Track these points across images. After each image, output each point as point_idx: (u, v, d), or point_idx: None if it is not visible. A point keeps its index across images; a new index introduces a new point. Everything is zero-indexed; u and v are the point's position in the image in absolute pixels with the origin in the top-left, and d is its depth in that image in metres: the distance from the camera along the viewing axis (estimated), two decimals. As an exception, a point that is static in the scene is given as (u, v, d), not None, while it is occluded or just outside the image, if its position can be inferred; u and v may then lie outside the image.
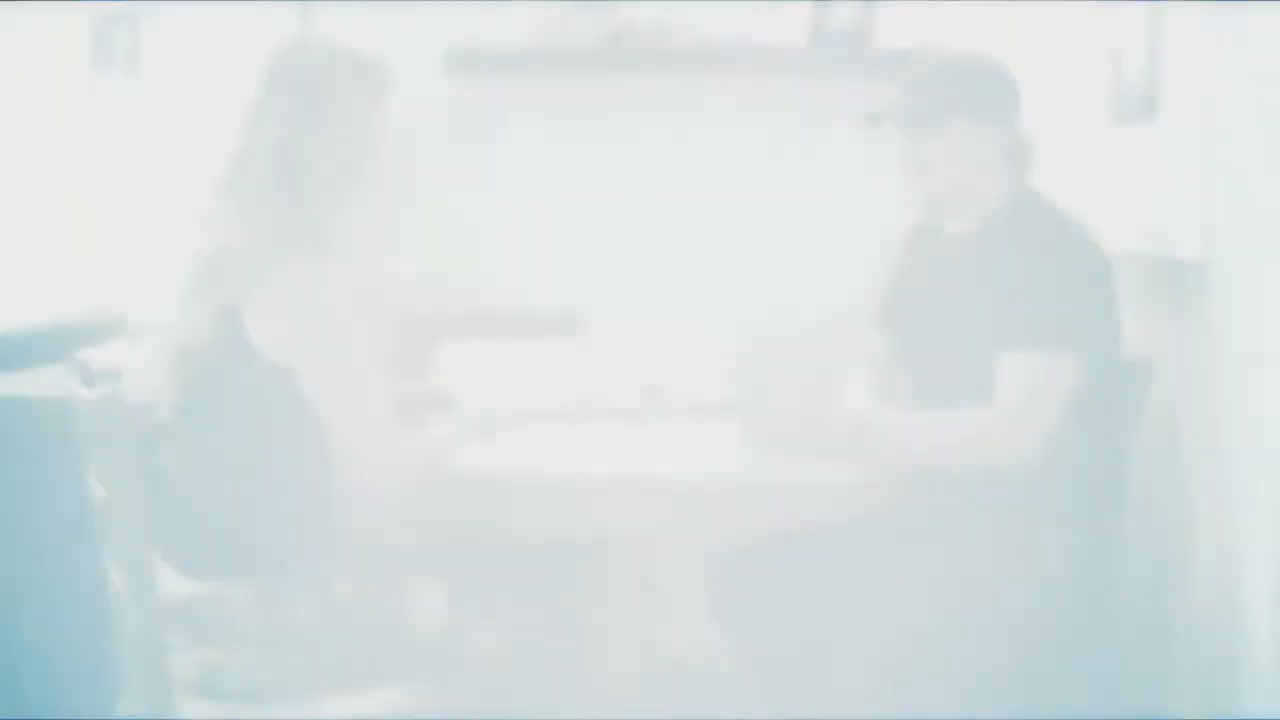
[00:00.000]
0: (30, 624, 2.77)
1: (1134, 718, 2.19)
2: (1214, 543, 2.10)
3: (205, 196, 1.88)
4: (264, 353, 1.79)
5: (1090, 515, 2.12)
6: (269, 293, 1.77)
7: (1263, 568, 1.91)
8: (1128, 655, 2.23)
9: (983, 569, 2.07)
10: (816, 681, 2.17)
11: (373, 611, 1.89)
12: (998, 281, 2.13)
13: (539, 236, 3.19)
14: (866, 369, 2.49)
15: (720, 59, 2.97)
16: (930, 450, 2.06)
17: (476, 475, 2.00)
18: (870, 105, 2.30)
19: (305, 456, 1.91)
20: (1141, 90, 2.42)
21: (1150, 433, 2.28)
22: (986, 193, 2.22)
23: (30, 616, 2.77)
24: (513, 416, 2.16)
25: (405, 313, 3.09)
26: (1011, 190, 2.23)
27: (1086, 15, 2.82)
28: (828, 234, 3.09)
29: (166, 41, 3.26)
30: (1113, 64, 2.61)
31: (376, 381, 1.84)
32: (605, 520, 1.98)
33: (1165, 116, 2.29)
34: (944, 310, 2.25)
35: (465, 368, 2.48)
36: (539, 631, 2.42)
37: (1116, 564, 2.15)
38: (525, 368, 2.51)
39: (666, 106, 3.12)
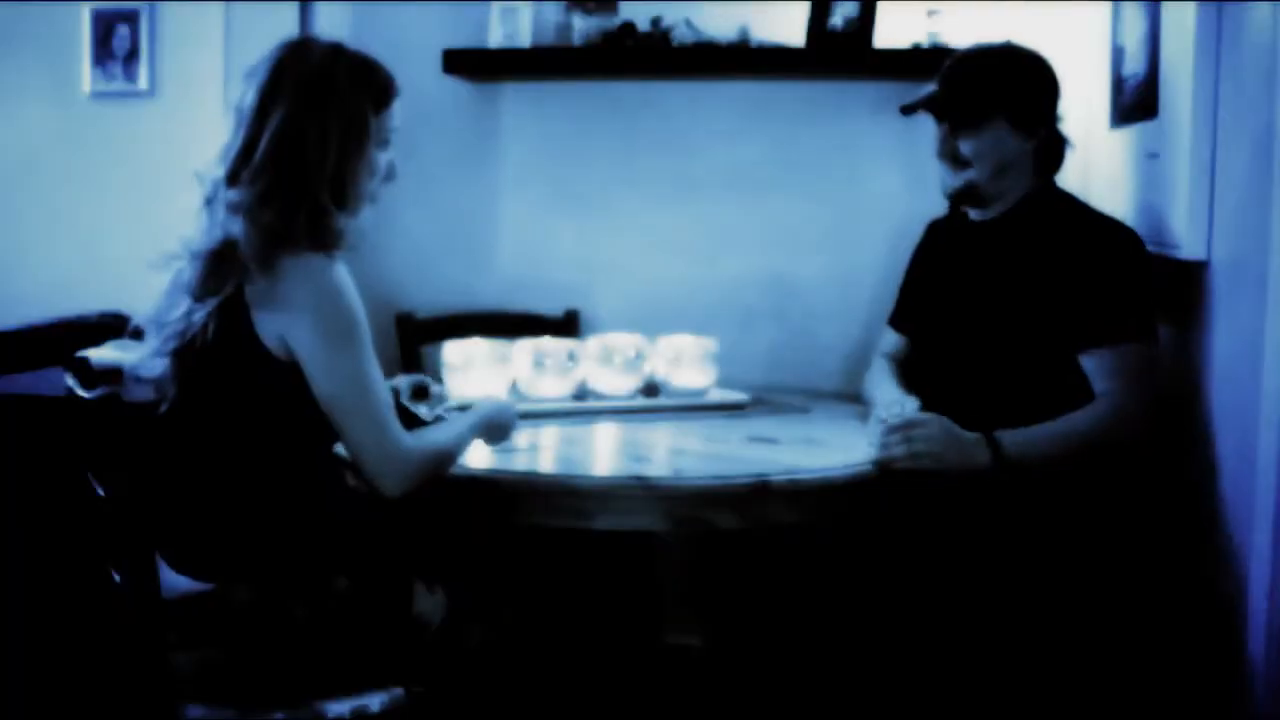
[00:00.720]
0: (30, 624, 2.77)
1: (1131, 715, 2.18)
2: (1214, 541, 2.10)
3: (207, 192, 1.87)
4: (267, 347, 1.79)
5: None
6: (273, 287, 1.77)
7: (1262, 567, 1.91)
8: (1127, 650, 2.23)
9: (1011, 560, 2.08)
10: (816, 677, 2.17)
11: (373, 611, 1.89)
12: (1046, 272, 2.14)
13: (539, 235, 3.19)
14: (883, 365, 2.50)
15: (720, 59, 2.97)
16: (1069, 446, 2.08)
17: (477, 475, 2.01)
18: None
19: (307, 452, 1.92)
20: (1141, 90, 2.42)
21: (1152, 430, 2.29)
22: (1015, 185, 2.24)
23: (30, 616, 2.78)
24: (521, 415, 2.16)
25: (405, 312, 3.10)
26: (1037, 183, 2.25)
27: (1086, 15, 2.83)
28: (828, 234, 3.09)
29: (167, 41, 3.26)
30: (1113, 64, 2.62)
31: (380, 377, 1.84)
32: (605, 520, 1.98)
33: (1165, 116, 2.29)
34: (978, 299, 2.25)
35: (465, 367, 2.47)
36: (538, 631, 2.42)
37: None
38: (525, 367, 2.50)
39: (666, 106, 3.12)
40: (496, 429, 2.10)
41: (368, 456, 1.82)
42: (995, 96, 2.20)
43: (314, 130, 1.82)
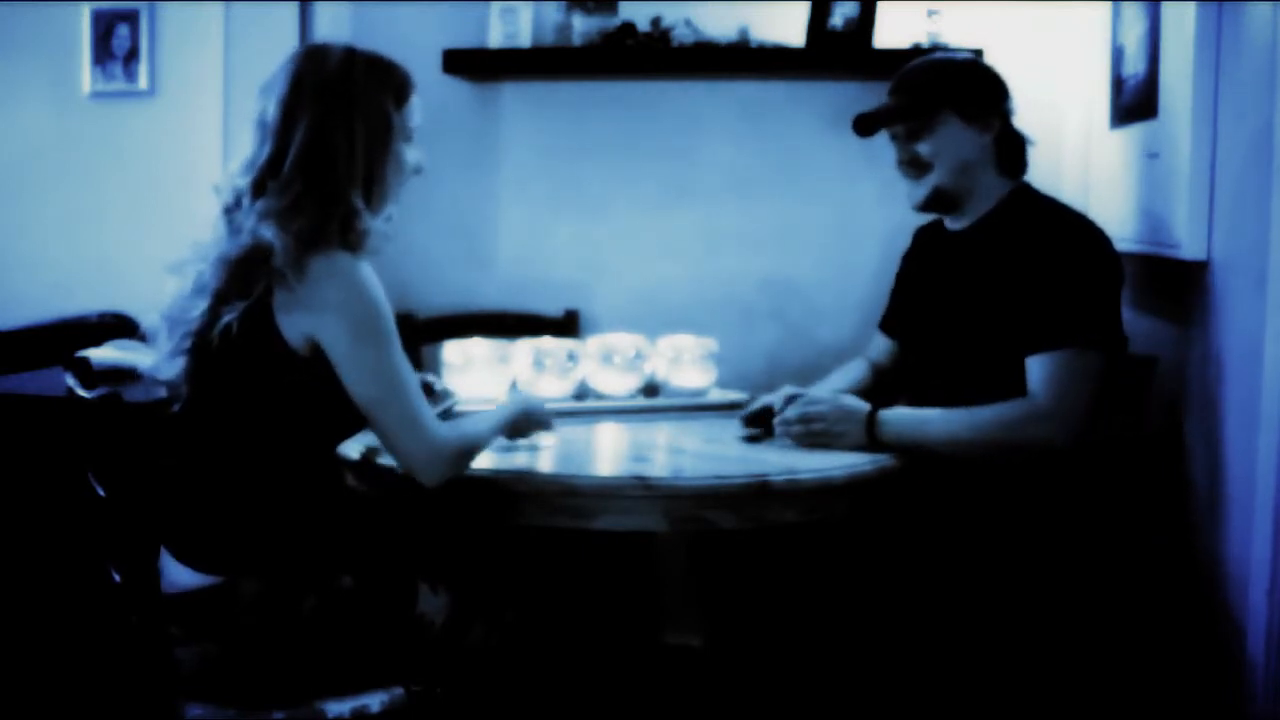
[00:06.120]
0: (31, 622, 2.77)
1: (1132, 716, 2.19)
2: (1214, 541, 2.10)
3: (226, 201, 1.88)
4: (291, 345, 1.80)
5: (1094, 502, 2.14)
6: (301, 287, 1.78)
7: (1263, 567, 1.91)
8: (1127, 650, 2.23)
9: (990, 560, 2.08)
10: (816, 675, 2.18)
11: (376, 610, 1.89)
12: (1005, 277, 2.14)
13: (539, 235, 3.19)
14: (865, 366, 2.51)
15: (720, 59, 2.97)
16: (970, 439, 2.08)
17: (477, 475, 2.01)
18: (877, 99, 2.32)
19: (319, 451, 1.92)
20: (1141, 90, 2.42)
21: (1153, 430, 2.29)
22: (984, 191, 2.24)
23: (31, 615, 2.78)
24: (550, 413, 2.18)
25: (405, 312, 3.10)
26: (1006, 187, 2.25)
27: (1086, 15, 2.83)
28: (828, 233, 3.09)
29: (167, 41, 3.26)
30: (1113, 64, 2.62)
31: (410, 370, 1.86)
32: (605, 520, 1.98)
33: (1165, 116, 2.29)
34: (949, 308, 2.26)
35: (465, 367, 2.47)
36: (539, 631, 2.42)
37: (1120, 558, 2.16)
38: (525, 367, 2.50)
39: (666, 106, 3.12)
40: (524, 426, 2.13)
41: (405, 449, 1.84)
42: (939, 93, 2.23)
43: (341, 134, 1.85)
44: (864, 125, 2.28)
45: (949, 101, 2.22)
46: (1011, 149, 2.26)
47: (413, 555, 2.03)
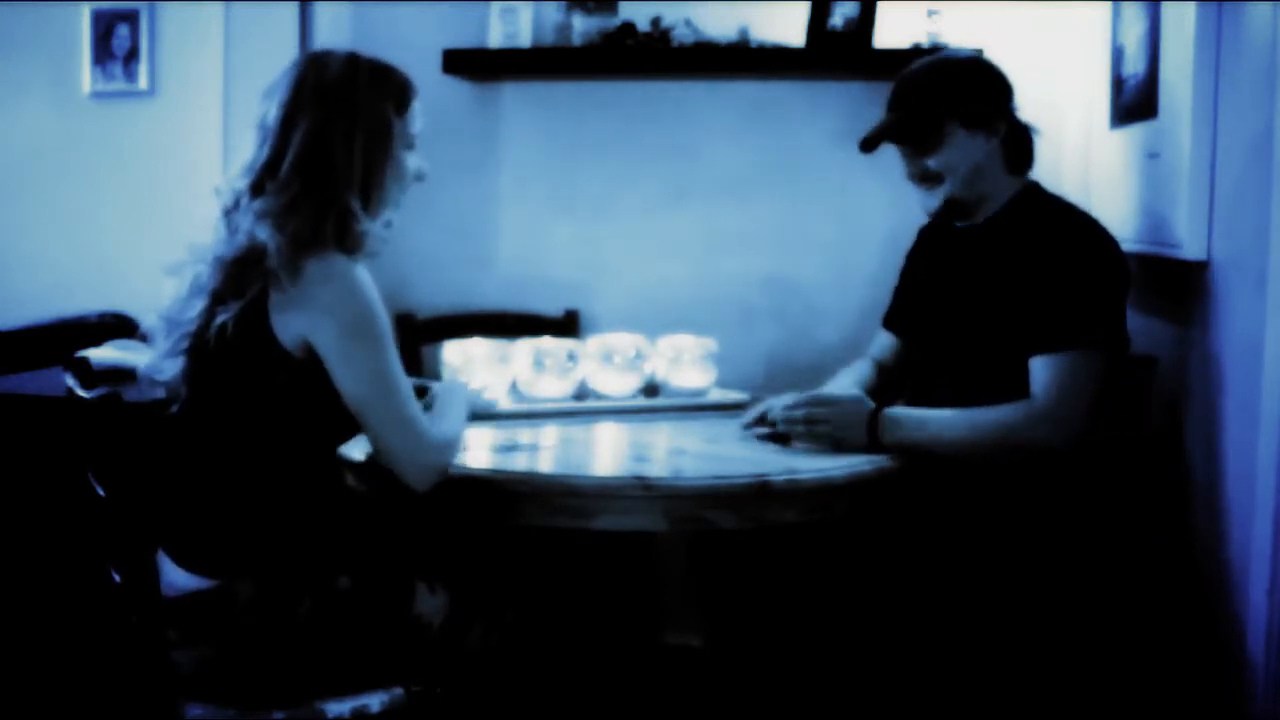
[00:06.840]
0: (31, 623, 2.77)
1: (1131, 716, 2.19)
2: (1213, 541, 2.10)
3: (226, 203, 1.88)
4: (285, 347, 1.80)
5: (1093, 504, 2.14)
6: (296, 289, 1.78)
7: (1263, 567, 1.91)
8: (1127, 650, 2.23)
9: (988, 560, 2.08)
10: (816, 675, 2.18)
11: (374, 611, 1.89)
12: (1013, 276, 2.14)
13: (539, 235, 3.19)
14: (870, 365, 2.51)
15: (720, 59, 2.97)
16: (959, 436, 2.08)
17: (477, 475, 2.01)
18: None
19: (316, 452, 1.92)
20: (1141, 90, 2.42)
21: (1153, 430, 2.29)
22: (992, 190, 2.24)
23: (31, 615, 2.78)
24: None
25: (405, 312, 3.10)
26: (1015, 185, 2.25)
27: (1086, 15, 2.83)
28: (828, 233, 3.09)
29: (167, 41, 3.26)
30: (1113, 64, 2.62)
31: (403, 374, 1.86)
32: (605, 520, 1.98)
33: (1165, 116, 2.29)
34: (955, 306, 2.26)
35: (465, 367, 2.47)
36: (539, 631, 2.42)
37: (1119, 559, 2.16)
38: (525, 367, 2.50)
39: (666, 106, 3.12)
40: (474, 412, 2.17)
41: (396, 453, 1.84)
42: (941, 106, 2.20)
43: (340, 138, 1.85)
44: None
45: (951, 113, 2.19)
46: (1018, 145, 2.25)
47: (410, 555, 2.03)
